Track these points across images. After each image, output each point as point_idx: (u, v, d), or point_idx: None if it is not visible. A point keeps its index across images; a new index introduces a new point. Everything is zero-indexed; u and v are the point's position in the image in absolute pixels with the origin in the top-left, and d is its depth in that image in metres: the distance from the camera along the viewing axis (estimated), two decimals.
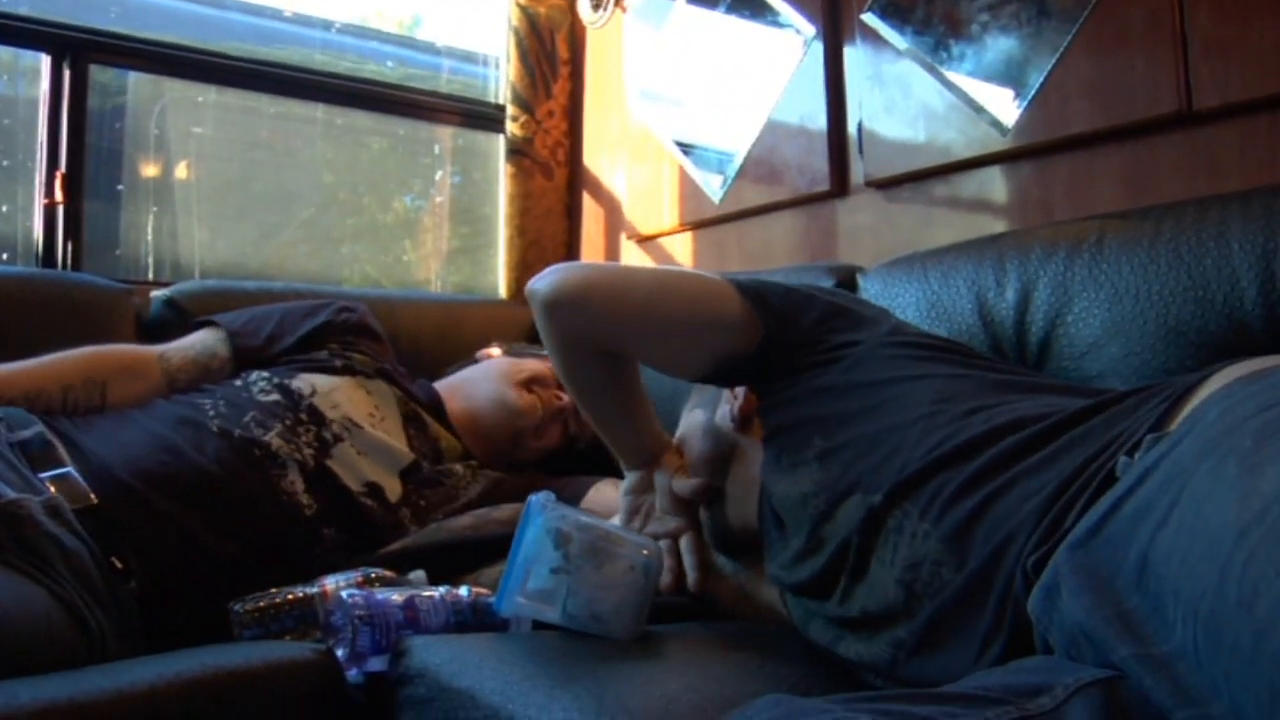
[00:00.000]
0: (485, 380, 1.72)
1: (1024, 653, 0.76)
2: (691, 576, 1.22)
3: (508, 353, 1.83)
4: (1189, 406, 0.77)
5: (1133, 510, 0.68)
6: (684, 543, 1.24)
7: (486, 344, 1.89)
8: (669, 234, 2.39)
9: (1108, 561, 0.69)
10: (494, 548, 1.38)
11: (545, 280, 1.17)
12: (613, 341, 1.19)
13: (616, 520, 1.29)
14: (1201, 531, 0.60)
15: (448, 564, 1.38)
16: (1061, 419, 0.87)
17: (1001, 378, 1.03)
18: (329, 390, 1.51)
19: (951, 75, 1.74)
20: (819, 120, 1.98)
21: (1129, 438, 0.79)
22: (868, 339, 1.11)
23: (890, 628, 0.91)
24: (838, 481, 0.99)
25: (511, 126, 2.60)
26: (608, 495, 1.52)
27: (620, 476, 1.32)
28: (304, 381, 1.51)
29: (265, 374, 1.52)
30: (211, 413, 1.42)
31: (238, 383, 1.51)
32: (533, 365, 1.74)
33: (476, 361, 1.82)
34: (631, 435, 1.27)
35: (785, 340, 1.13)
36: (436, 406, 1.66)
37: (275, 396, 1.47)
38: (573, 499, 1.52)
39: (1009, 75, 1.65)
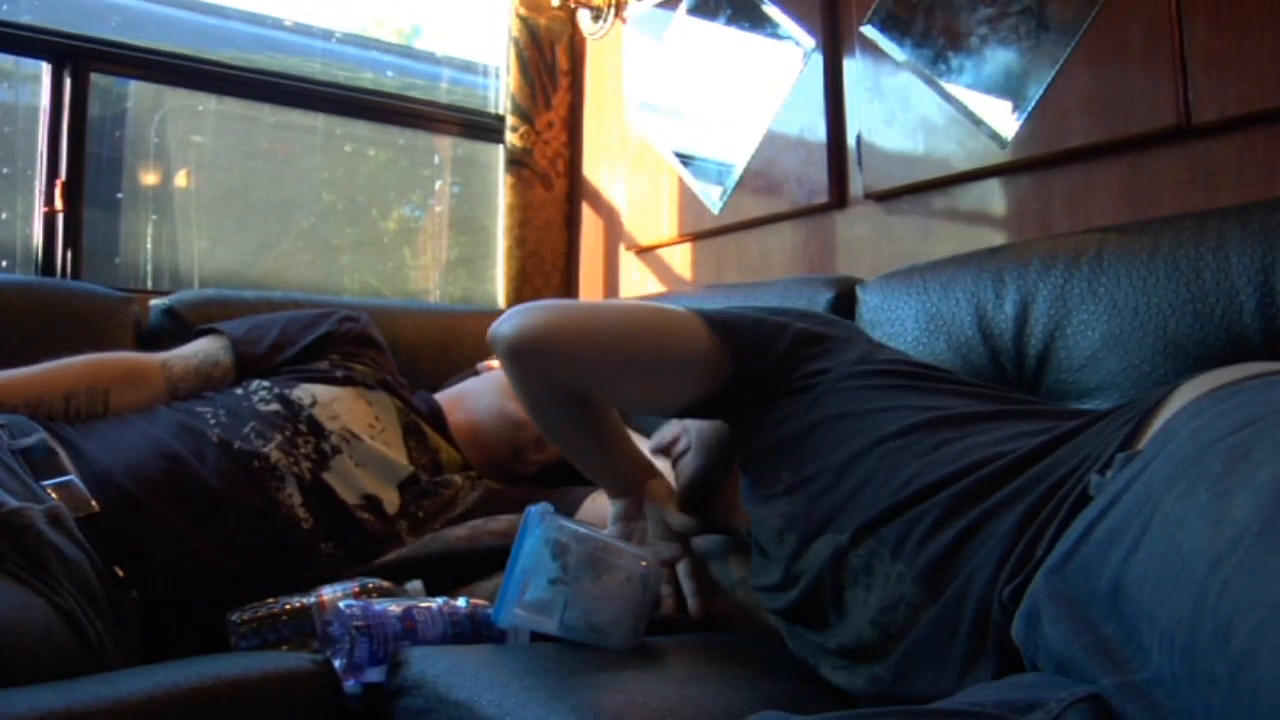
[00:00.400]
0: (486, 392, 1.72)
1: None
2: (692, 604, 1.22)
3: None
4: (1158, 422, 0.76)
5: (1104, 534, 0.68)
6: (681, 569, 1.24)
7: (487, 355, 1.89)
8: (668, 245, 2.40)
9: (1082, 588, 0.68)
10: (490, 559, 1.38)
11: (507, 325, 1.13)
12: (580, 385, 1.17)
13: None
14: (1174, 558, 0.59)
15: (444, 575, 1.37)
16: (1029, 450, 0.85)
17: (969, 409, 0.99)
18: (329, 401, 1.51)
19: (950, 88, 1.74)
20: (818, 132, 1.99)
21: (1098, 458, 0.78)
22: (836, 368, 1.08)
23: (866, 664, 0.91)
24: (808, 518, 0.98)
25: (511, 137, 2.61)
26: (603, 506, 1.52)
27: None
28: (304, 392, 1.51)
29: (266, 383, 1.52)
30: (212, 421, 1.41)
31: (238, 392, 1.50)
32: None
33: (478, 373, 1.82)
34: (612, 467, 1.26)
35: (756, 369, 1.11)
36: (437, 418, 1.65)
37: (275, 406, 1.47)
38: (568, 510, 1.52)
39: (1008, 88, 1.66)
